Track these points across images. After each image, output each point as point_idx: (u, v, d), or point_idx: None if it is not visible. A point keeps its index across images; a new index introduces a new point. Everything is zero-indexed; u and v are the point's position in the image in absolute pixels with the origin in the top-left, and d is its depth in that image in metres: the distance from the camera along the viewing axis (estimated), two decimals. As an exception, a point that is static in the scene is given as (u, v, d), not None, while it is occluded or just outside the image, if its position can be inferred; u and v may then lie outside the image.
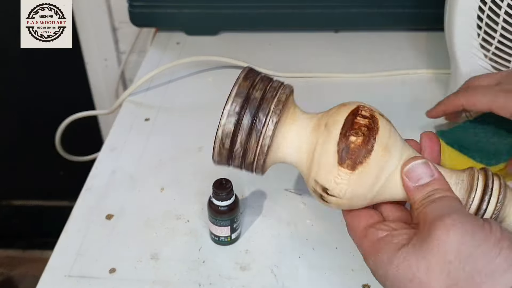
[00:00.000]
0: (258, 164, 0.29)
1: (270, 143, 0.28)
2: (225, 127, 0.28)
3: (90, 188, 0.44)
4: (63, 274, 0.36)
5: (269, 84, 0.30)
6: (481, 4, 0.43)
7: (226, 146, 0.29)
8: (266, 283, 0.36)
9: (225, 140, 0.28)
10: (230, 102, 0.29)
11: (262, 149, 0.28)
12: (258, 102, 0.28)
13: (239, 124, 0.28)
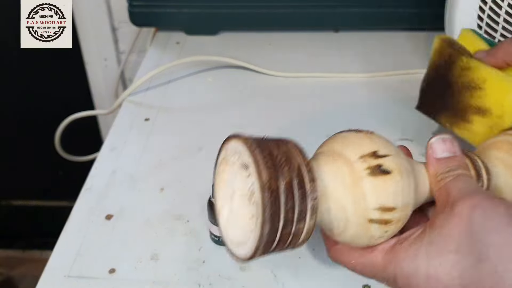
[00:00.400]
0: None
1: None
2: None
3: (90, 188, 0.44)
4: (62, 274, 0.36)
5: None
6: (481, 4, 0.43)
7: None
8: (266, 284, 0.36)
9: None
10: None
11: None
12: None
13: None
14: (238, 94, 0.56)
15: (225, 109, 0.54)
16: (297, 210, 0.23)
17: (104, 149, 0.48)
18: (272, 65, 0.59)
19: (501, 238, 0.22)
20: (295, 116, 0.52)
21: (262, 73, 0.59)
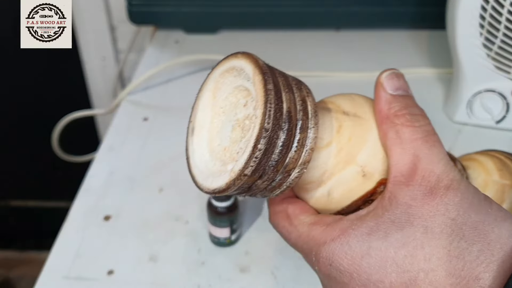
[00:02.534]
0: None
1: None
2: None
3: (88, 188, 0.43)
4: (60, 276, 0.36)
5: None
6: (483, 3, 0.43)
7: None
8: (266, 285, 0.35)
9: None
10: None
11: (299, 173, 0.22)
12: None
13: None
14: (238, 93, 0.56)
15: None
16: (297, 138, 0.20)
17: (102, 149, 0.48)
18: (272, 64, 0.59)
19: (477, 213, 0.19)
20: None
21: (262, 72, 0.59)
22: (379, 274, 0.19)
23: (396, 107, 0.21)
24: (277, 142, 0.20)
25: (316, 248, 0.21)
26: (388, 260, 0.19)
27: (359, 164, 0.21)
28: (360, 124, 0.22)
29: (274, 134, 0.20)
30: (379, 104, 0.22)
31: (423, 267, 0.18)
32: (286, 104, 0.21)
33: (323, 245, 0.20)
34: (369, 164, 0.21)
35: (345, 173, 0.21)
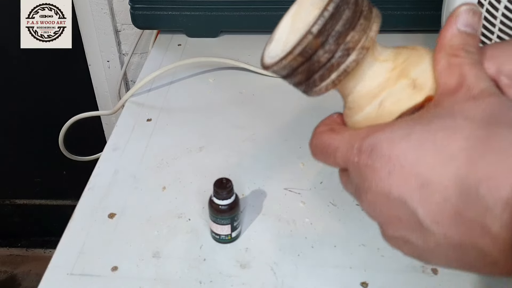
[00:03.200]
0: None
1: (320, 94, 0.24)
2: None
3: (93, 187, 0.44)
4: (65, 272, 0.37)
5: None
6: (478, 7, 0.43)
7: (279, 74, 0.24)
8: (266, 281, 0.36)
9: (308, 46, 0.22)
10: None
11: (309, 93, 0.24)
12: (323, 63, 0.22)
13: (293, 74, 0.23)
14: (239, 95, 0.57)
15: (225, 110, 0.54)
16: (360, 21, 0.22)
17: (107, 149, 0.49)
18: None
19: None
20: (295, 116, 0.53)
21: (262, 74, 0.60)
22: (416, 154, 0.19)
23: (456, 41, 0.22)
24: (343, 15, 0.22)
25: (359, 141, 0.21)
26: (427, 141, 0.19)
27: (411, 77, 0.23)
28: (417, 54, 0.24)
29: (342, 5, 0.22)
30: (444, 33, 0.23)
31: (461, 144, 0.19)
32: None
33: (367, 136, 0.21)
34: (420, 78, 0.23)
35: (397, 85, 0.23)
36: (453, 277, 0.36)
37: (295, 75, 0.24)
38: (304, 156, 0.47)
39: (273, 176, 0.45)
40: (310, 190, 0.44)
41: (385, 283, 0.36)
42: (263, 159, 0.47)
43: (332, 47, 0.22)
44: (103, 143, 0.51)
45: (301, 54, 0.22)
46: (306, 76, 0.24)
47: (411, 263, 0.37)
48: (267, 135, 0.50)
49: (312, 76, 0.24)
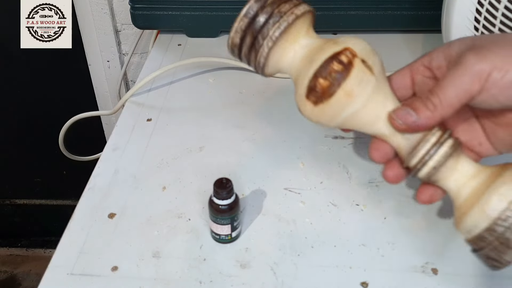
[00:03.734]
0: (258, 69, 0.34)
1: (265, 62, 0.33)
2: (237, 28, 0.33)
3: (93, 187, 0.44)
4: (65, 272, 0.37)
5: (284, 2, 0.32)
6: (478, 6, 0.43)
7: (235, 44, 0.33)
8: (266, 281, 0.36)
9: (234, 41, 0.33)
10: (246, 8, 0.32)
11: (259, 64, 0.33)
12: (263, 23, 0.32)
13: (244, 38, 0.32)
14: (239, 95, 0.57)
15: (225, 110, 0.54)
16: None
17: (107, 149, 0.49)
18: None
19: None
20: (294, 116, 0.53)
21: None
22: None
23: None
24: None
25: None
26: None
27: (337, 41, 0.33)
28: None
29: None
30: None
31: None
32: None
33: None
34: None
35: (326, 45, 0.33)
36: (453, 277, 0.36)
37: (245, 39, 0.32)
38: (304, 156, 0.47)
39: (273, 176, 0.45)
40: (310, 190, 0.44)
41: (385, 283, 0.36)
42: (263, 159, 0.47)
43: (269, 10, 0.31)
44: (103, 143, 0.51)
45: (245, 15, 0.32)
46: (251, 37, 0.32)
47: (411, 263, 0.37)
48: (267, 135, 0.50)
49: (257, 37, 0.32)
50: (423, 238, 0.39)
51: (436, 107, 0.29)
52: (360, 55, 0.31)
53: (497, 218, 0.27)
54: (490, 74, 0.28)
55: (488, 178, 0.29)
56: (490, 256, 0.28)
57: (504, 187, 0.28)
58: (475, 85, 0.28)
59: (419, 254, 0.38)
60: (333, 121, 0.32)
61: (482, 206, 0.28)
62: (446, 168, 0.30)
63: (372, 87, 0.31)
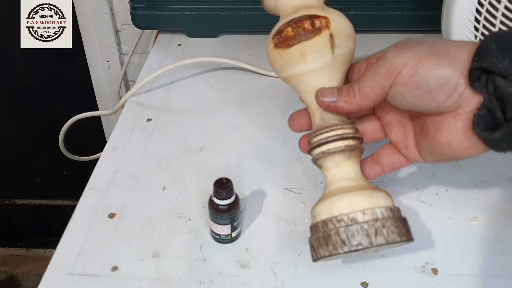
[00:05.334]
0: None
1: None
2: None
3: (93, 187, 0.44)
4: (65, 272, 0.37)
5: None
6: (478, 7, 0.43)
7: None
8: (266, 281, 0.36)
9: None
10: None
11: None
12: None
13: None
14: (239, 95, 0.57)
15: (225, 110, 0.54)
16: None
17: (107, 149, 0.49)
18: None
19: None
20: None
21: (262, 74, 0.60)
22: None
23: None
24: None
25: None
26: None
27: None
28: None
29: None
30: None
31: None
32: None
33: None
34: None
35: None
36: (453, 277, 0.36)
37: None
38: (304, 156, 0.47)
39: (273, 176, 0.45)
40: (310, 190, 0.44)
41: (385, 283, 0.36)
42: (263, 159, 0.47)
43: None
44: (103, 143, 0.51)
45: None
46: None
47: (411, 264, 0.37)
48: (267, 135, 0.50)
49: None
50: (423, 238, 0.39)
51: (355, 95, 0.31)
52: (332, 29, 0.33)
53: (334, 216, 0.30)
54: (401, 70, 0.29)
55: (357, 185, 0.32)
56: (312, 245, 0.31)
57: (359, 197, 0.30)
58: (387, 79, 0.29)
59: (419, 254, 0.38)
60: (282, 72, 0.35)
61: (332, 201, 0.31)
62: (332, 159, 0.33)
63: (324, 62, 0.33)
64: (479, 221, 0.41)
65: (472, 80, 0.27)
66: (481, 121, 0.28)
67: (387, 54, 0.30)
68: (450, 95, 0.28)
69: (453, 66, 0.28)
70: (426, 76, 0.28)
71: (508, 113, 0.27)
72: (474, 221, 0.41)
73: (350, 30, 0.35)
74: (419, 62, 0.29)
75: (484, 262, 0.37)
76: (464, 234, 0.39)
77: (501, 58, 0.26)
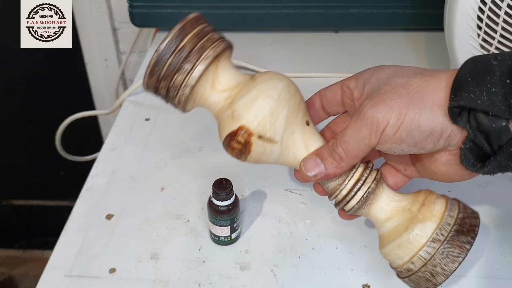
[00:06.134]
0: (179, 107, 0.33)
1: (188, 97, 0.32)
2: (160, 53, 0.31)
3: (91, 188, 0.44)
4: (63, 274, 0.37)
5: (206, 35, 0.33)
6: (481, 5, 0.43)
7: (155, 76, 0.31)
8: (266, 283, 0.36)
9: (155, 69, 0.31)
10: (169, 37, 0.31)
11: (180, 98, 0.32)
12: (188, 52, 0.31)
13: (166, 66, 0.31)
14: (238, 94, 0.57)
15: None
16: None
17: (104, 149, 0.49)
18: (272, 65, 0.60)
19: None
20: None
21: (262, 74, 0.59)
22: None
23: None
24: (166, 62, 0.31)
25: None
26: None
27: (233, 109, 0.32)
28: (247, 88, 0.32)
29: (164, 55, 0.31)
30: None
31: None
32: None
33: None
34: (237, 110, 0.32)
35: (225, 114, 0.32)
36: (455, 278, 0.36)
37: (159, 91, 0.32)
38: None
39: (273, 177, 0.45)
40: (311, 191, 0.43)
41: (386, 285, 0.36)
42: (263, 159, 0.47)
43: (165, 84, 0.31)
44: (100, 143, 0.50)
45: (147, 87, 0.32)
46: (165, 92, 0.32)
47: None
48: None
49: (167, 95, 0.32)
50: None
51: (342, 158, 0.31)
52: (256, 132, 0.31)
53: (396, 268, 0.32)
54: (384, 129, 0.29)
55: (395, 226, 0.32)
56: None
57: (398, 250, 0.31)
58: (372, 138, 0.29)
59: (421, 255, 0.37)
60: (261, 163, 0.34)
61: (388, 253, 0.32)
62: (367, 204, 0.32)
63: (277, 154, 0.32)
64: (481, 222, 0.40)
65: (453, 118, 0.27)
66: (469, 153, 0.28)
67: (364, 110, 0.29)
68: (438, 141, 0.28)
69: (433, 115, 0.28)
70: (409, 132, 0.28)
71: (495, 146, 0.27)
72: (477, 222, 0.40)
73: (276, 101, 0.32)
74: (399, 118, 0.28)
75: (486, 263, 0.37)
76: (467, 235, 0.39)
77: (478, 93, 0.26)
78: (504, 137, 0.26)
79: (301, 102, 0.33)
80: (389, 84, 0.30)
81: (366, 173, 0.32)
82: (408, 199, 0.33)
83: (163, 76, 0.31)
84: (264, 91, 0.31)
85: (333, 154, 0.31)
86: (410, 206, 0.32)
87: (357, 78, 0.33)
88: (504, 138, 0.26)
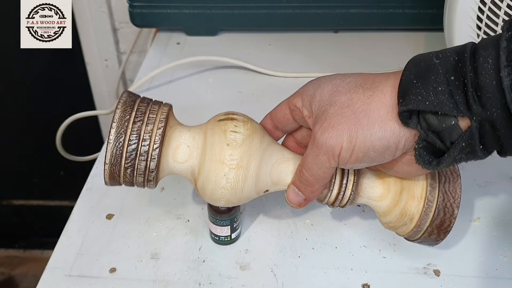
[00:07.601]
0: (149, 183, 0.34)
1: (158, 163, 0.32)
2: (112, 153, 0.31)
3: (91, 187, 0.44)
4: (63, 274, 0.36)
5: (147, 108, 0.33)
6: (480, 5, 0.43)
7: (116, 169, 0.32)
8: (266, 283, 0.36)
9: (114, 163, 0.32)
10: (114, 130, 0.31)
11: (150, 170, 0.32)
12: (140, 127, 0.32)
13: (126, 150, 0.31)
14: (238, 94, 0.57)
15: (225, 109, 0.54)
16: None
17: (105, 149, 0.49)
18: (272, 65, 0.60)
19: None
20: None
21: (262, 73, 0.59)
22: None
23: None
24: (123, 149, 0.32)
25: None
26: None
27: None
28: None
29: (118, 141, 0.32)
30: None
31: None
32: None
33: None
34: None
35: None
36: (455, 278, 0.36)
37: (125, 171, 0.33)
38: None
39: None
40: (310, 190, 0.43)
41: (387, 285, 0.36)
42: (263, 159, 0.47)
43: (129, 180, 0.33)
44: (100, 143, 0.50)
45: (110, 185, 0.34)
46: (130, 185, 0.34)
47: (413, 265, 0.37)
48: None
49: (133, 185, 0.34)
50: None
51: (312, 183, 0.32)
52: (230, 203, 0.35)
53: None
54: (340, 154, 0.29)
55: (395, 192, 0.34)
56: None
57: None
58: (332, 162, 0.30)
59: (421, 255, 0.38)
60: None
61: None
62: (357, 196, 0.35)
63: (252, 185, 0.34)
64: (481, 222, 0.40)
65: (404, 121, 0.27)
66: (423, 152, 0.28)
67: (316, 137, 0.30)
68: (395, 152, 0.29)
69: (383, 132, 0.28)
70: (364, 153, 0.29)
71: (447, 143, 0.27)
72: (477, 222, 0.40)
73: (231, 190, 0.33)
74: (351, 142, 0.28)
75: (486, 263, 0.37)
76: (466, 235, 0.39)
77: (425, 94, 0.26)
78: (455, 134, 0.26)
79: (260, 141, 0.35)
80: (334, 104, 0.30)
81: (344, 172, 0.34)
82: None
83: (123, 182, 0.33)
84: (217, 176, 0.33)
85: (303, 181, 0.33)
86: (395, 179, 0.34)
87: (301, 95, 0.33)
88: (455, 135, 0.26)
